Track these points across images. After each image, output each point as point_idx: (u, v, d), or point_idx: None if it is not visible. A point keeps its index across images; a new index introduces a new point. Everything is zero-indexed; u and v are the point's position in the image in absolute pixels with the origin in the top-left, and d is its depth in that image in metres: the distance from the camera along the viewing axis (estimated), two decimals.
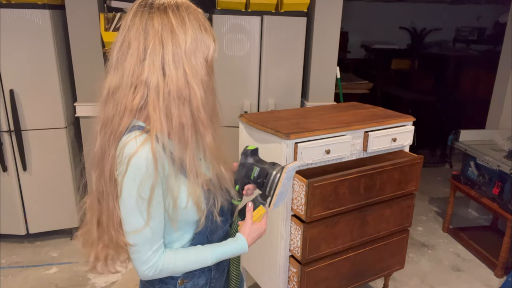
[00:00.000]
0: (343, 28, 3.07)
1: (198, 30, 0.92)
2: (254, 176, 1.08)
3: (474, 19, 5.89)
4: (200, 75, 0.92)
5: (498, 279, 2.72)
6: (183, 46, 0.90)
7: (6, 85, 2.60)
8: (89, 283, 2.55)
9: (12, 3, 2.49)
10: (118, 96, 0.91)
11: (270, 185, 1.05)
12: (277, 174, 1.05)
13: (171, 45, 0.89)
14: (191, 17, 0.92)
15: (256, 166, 1.09)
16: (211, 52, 0.95)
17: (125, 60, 0.90)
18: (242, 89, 2.85)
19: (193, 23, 0.92)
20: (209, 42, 0.95)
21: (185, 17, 0.91)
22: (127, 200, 0.90)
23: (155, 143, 0.88)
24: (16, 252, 2.85)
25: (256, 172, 1.08)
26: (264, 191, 1.08)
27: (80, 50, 2.72)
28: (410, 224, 2.28)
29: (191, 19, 0.92)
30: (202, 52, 0.93)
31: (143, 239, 0.93)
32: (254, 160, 1.10)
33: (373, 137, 2.06)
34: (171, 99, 0.89)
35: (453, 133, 3.17)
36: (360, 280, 2.21)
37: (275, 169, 1.06)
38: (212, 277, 1.11)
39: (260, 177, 1.07)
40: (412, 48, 5.87)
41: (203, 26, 0.94)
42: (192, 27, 0.91)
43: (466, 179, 3.04)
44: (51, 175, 2.83)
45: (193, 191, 0.95)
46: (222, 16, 2.71)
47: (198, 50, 0.92)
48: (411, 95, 4.99)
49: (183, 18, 0.91)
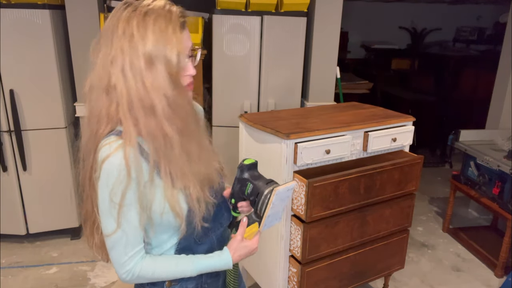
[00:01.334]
0: (343, 28, 3.07)
1: (160, 42, 0.88)
2: (247, 192, 1.04)
3: (474, 19, 5.88)
4: (162, 88, 0.88)
5: (498, 279, 2.72)
6: (141, 57, 0.87)
7: (6, 85, 2.60)
8: (89, 283, 2.55)
9: (12, 3, 2.49)
10: (94, 96, 0.93)
11: (261, 206, 1.01)
12: (267, 194, 0.99)
13: (129, 54, 0.87)
14: (156, 27, 0.88)
15: (250, 183, 1.03)
16: (175, 65, 0.89)
17: (97, 61, 0.93)
18: (242, 89, 2.85)
19: (156, 34, 0.88)
20: (171, 55, 0.89)
21: (149, 26, 0.88)
22: (101, 204, 0.91)
23: (129, 149, 0.88)
24: (16, 252, 2.85)
25: (250, 189, 1.03)
26: (256, 209, 1.03)
27: (80, 50, 2.72)
28: (410, 224, 2.28)
29: (155, 29, 0.88)
30: (164, 65, 0.88)
31: (117, 243, 0.92)
32: (250, 175, 1.04)
33: (373, 137, 2.06)
34: (136, 109, 0.89)
35: (453, 133, 3.17)
36: (360, 280, 2.21)
37: (268, 188, 1.00)
38: (203, 282, 1.09)
39: (252, 195, 1.02)
40: (412, 48, 5.86)
41: (168, 38, 0.88)
42: (154, 38, 0.87)
43: (466, 179, 3.04)
44: (51, 175, 2.83)
45: (169, 196, 0.93)
46: (222, 16, 2.71)
47: (159, 62, 0.88)
48: (411, 95, 4.99)
49: (146, 28, 0.87)
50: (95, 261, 2.75)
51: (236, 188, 1.07)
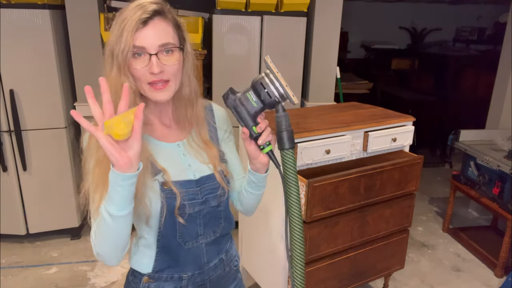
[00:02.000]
0: (343, 28, 3.07)
1: (116, 37, 0.94)
2: (253, 100, 0.95)
3: (474, 19, 5.88)
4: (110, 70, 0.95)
5: (498, 279, 2.72)
6: (107, 47, 0.96)
7: (6, 85, 2.60)
8: (89, 283, 2.55)
9: (12, 3, 2.49)
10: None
11: (273, 85, 0.91)
12: (267, 74, 0.92)
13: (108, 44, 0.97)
14: (118, 23, 0.94)
15: (247, 92, 0.96)
16: (120, 60, 0.93)
17: None
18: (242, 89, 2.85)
19: (116, 30, 0.94)
20: (118, 49, 0.93)
21: (117, 21, 0.95)
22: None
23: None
24: (16, 252, 2.85)
25: (253, 96, 0.95)
26: (273, 98, 0.92)
27: (80, 50, 2.72)
28: (410, 224, 2.28)
29: (117, 25, 0.94)
30: (115, 58, 0.94)
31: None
32: (239, 92, 0.98)
33: (373, 137, 2.06)
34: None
35: (453, 133, 3.17)
36: (360, 280, 2.21)
37: (260, 76, 0.93)
38: (183, 286, 1.07)
39: (261, 95, 0.93)
40: (412, 48, 5.87)
41: (122, 34, 0.93)
42: (115, 32, 0.94)
43: (466, 179, 3.04)
44: (51, 175, 2.83)
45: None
46: (222, 16, 2.71)
47: (114, 55, 0.94)
48: (411, 95, 4.99)
49: (115, 23, 0.95)
50: (95, 261, 2.75)
51: (243, 113, 0.96)
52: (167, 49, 0.95)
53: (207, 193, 1.05)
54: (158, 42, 0.93)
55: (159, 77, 0.94)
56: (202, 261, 1.09)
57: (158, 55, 0.93)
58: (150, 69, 0.93)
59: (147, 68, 0.93)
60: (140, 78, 0.95)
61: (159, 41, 0.93)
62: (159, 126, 1.05)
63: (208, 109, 1.17)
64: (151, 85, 0.95)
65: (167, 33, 0.95)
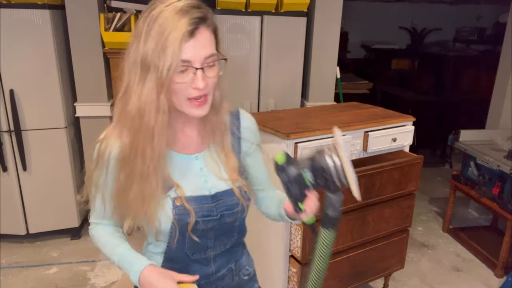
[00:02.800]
0: (343, 28, 3.07)
1: (157, 48, 0.84)
2: (311, 181, 0.87)
3: (474, 19, 5.88)
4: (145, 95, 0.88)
5: (498, 279, 2.72)
6: (138, 58, 0.88)
7: (6, 85, 2.60)
8: (89, 283, 2.55)
9: (12, 3, 2.49)
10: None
11: (337, 173, 0.83)
12: (332, 158, 0.83)
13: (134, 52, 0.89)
14: (158, 31, 0.83)
15: (304, 171, 0.87)
16: (163, 77, 0.84)
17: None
18: (242, 89, 2.86)
19: (155, 39, 0.84)
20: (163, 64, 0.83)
21: (154, 28, 0.84)
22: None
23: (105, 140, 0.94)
24: (16, 252, 2.85)
25: (310, 176, 0.87)
26: (332, 184, 0.85)
27: (80, 50, 2.72)
28: (410, 224, 2.28)
29: (156, 34, 0.83)
30: (154, 73, 0.85)
31: (92, 208, 1.02)
32: (295, 168, 0.87)
33: (373, 137, 2.06)
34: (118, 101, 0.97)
35: (453, 133, 3.17)
36: (360, 280, 2.21)
37: (325, 155, 0.84)
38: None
39: (318, 177, 0.85)
40: (412, 48, 5.87)
41: (166, 45, 0.82)
42: (153, 42, 0.84)
43: (466, 179, 3.03)
44: (51, 175, 2.83)
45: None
46: (222, 16, 2.71)
47: (152, 69, 0.86)
48: (411, 95, 4.98)
49: (149, 31, 0.85)
50: (95, 261, 2.75)
51: (294, 190, 0.89)
52: (211, 61, 0.88)
53: (224, 209, 0.99)
54: (203, 55, 0.85)
55: (202, 92, 0.87)
56: (209, 271, 1.04)
57: (203, 69, 0.86)
58: (195, 85, 0.85)
59: (190, 83, 0.85)
60: (179, 93, 0.87)
61: (204, 54, 0.85)
62: (181, 136, 0.98)
63: (234, 116, 1.07)
64: (190, 100, 0.88)
65: (211, 43, 0.87)
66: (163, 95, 0.85)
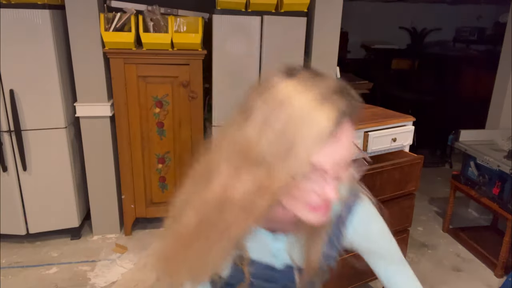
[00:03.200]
0: (343, 28, 3.07)
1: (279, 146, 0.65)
2: None
3: (474, 19, 5.88)
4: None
5: (498, 279, 2.72)
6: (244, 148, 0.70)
7: (6, 85, 2.60)
8: (89, 283, 2.55)
9: (12, 3, 2.49)
10: None
11: None
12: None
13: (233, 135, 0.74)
14: (282, 124, 0.64)
15: None
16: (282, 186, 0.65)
17: None
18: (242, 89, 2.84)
19: (279, 135, 0.65)
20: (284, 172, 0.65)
21: (278, 119, 0.65)
22: None
23: None
24: (16, 252, 2.85)
25: None
26: None
27: (80, 50, 2.71)
28: (410, 224, 2.28)
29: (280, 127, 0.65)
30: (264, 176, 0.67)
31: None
32: None
33: (373, 137, 2.06)
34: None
35: (453, 133, 3.17)
36: (360, 280, 2.21)
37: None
38: None
39: None
40: (412, 48, 5.86)
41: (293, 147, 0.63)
42: (274, 137, 0.65)
43: (466, 179, 3.03)
44: (51, 175, 2.83)
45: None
46: (222, 16, 2.71)
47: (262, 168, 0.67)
48: (411, 95, 4.98)
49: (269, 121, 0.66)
50: (95, 261, 2.75)
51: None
52: (344, 165, 0.67)
53: (286, 280, 0.89)
54: (343, 160, 0.67)
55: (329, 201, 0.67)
56: None
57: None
58: (324, 194, 0.65)
59: (318, 191, 0.66)
60: (299, 199, 0.67)
61: (344, 158, 0.66)
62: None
63: (347, 208, 0.86)
64: (311, 206, 0.68)
65: (351, 143, 0.67)
66: (266, 201, 0.64)
